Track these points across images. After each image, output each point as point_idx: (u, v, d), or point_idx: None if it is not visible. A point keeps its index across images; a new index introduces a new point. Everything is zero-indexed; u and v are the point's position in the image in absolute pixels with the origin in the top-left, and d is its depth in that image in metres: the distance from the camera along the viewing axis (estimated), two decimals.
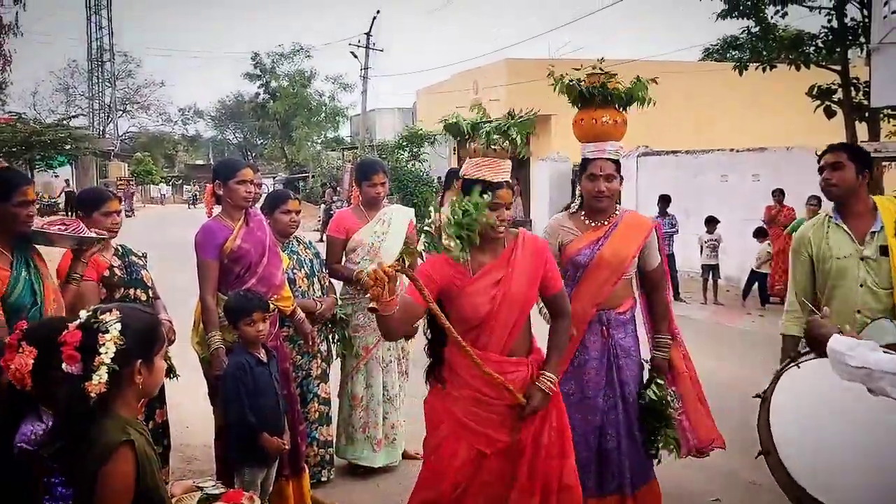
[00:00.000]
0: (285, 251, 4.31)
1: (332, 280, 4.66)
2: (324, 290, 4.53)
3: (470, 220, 2.76)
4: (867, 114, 12.83)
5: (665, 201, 11.82)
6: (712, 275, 11.50)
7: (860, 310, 3.30)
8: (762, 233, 11.19)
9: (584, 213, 3.53)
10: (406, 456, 4.80)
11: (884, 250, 3.31)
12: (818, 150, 3.64)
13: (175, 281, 6.08)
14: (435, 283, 2.87)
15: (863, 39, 12.84)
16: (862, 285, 3.32)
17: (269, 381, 3.59)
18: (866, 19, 12.38)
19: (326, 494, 4.32)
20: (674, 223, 11.69)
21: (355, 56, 32.25)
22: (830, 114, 13.33)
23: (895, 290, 3.26)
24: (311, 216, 25.91)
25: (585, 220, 3.51)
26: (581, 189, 3.54)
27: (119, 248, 3.73)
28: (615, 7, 37.53)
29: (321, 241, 13.87)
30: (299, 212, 4.51)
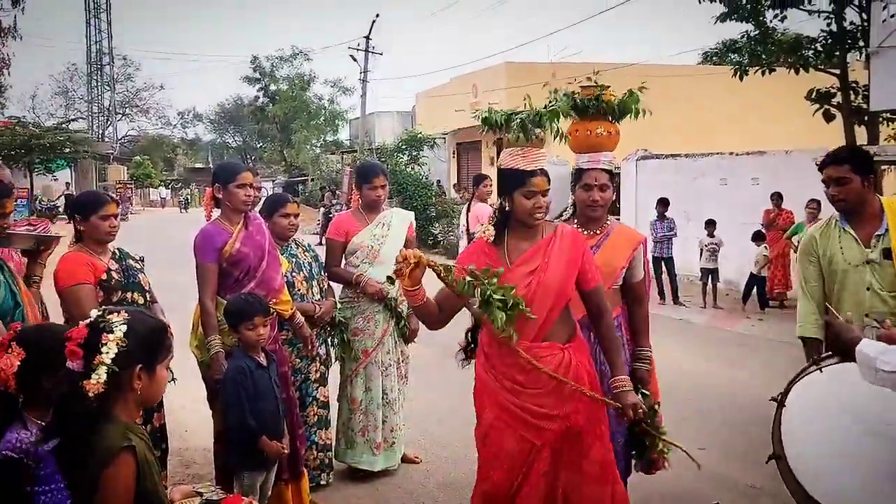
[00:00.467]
0: (284, 254, 4.31)
1: (330, 283, 4.66)
2: (322, 294, 4.53)
3: (501, 295, 2.80)
4: (866, 117, 12.86)
5: (664, 205, 11.81)
6: (711, 278, 11.48)
7: (868, 313, 3.29)
8: (760, 236, 11.18)
9: (577, 222, 3.59)
10: (405, 459, 4.80)
11: (887, 254, 3.29)
12: (817, 160, 3.55)
13: (175, 284, 6.08)
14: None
15: (862, 43, 12.87)
16: (868, 289, 3.32)
17: (268, 385, 3.58)
18: (865, 23, 12.41)
19: (325, 498, 4.32)
20: (672, 227, 11.69)
21: (354, 59, 32.34)
22: (829, 117, 13.36)
23: None
24: (310, 219, 25.89)
25: (579, 229, 3.54)
26: (574, 198, 3.61)
27: (116, 251, 3.69)
28: (615, 11, 37.58)
29: (320, 244, 13.83)
30: (298, 215, 4.51)
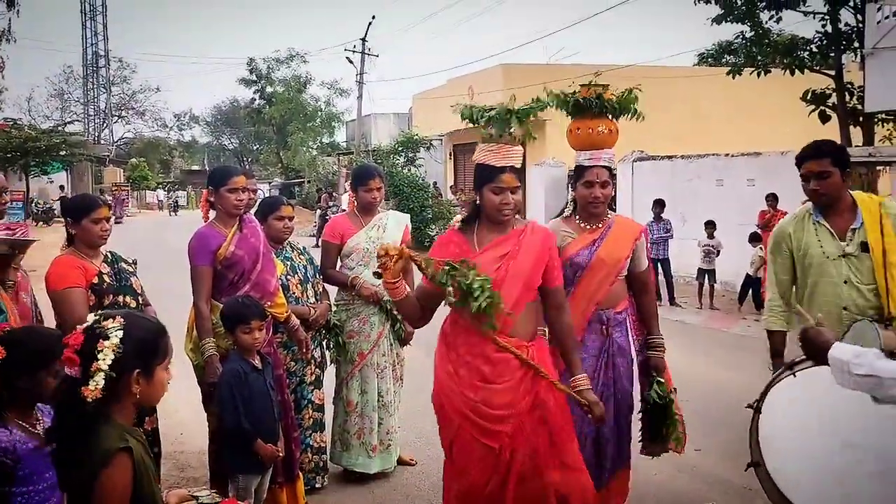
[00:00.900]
0: (279, 257, 4.30)
1: (325, 286, 4.65)
2: (317, 296, 4.52)
3: (479, 285, 2.87)
4: (861, 118, 12.89)
5: (660, 206, 11.82)
6: (708, 279, 11.50)
7: (847, 307, 3.31)
8: (757, 237, 11.19)
9: (579, 217, 3.68)
10: (401, 462, 4.79)
11: (864, 247, 3.32)
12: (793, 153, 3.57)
13: (169, 288, 6.06)
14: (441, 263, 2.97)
15: (857, 44, 12.90)
16: (846, 282, 3.33)
17: (263, 388, 3.57)
18: (860, 24, 12.43)
19: (320, 501, 4.31)
20: (668, 228, 11.70)
21: (351, 61, 32.38)
22: (825, 118, 13.37)
23: (879, 286, 3.27)
24: (306, 221, 25.89)
25: (581, 224, 3.66)
26: (576, 195, 3.68)
27: (108, 254, 3.66)
28: (611, 12, 37.66)
29: (317, 246, 13.83)
30: (293, 218, 4.51)
